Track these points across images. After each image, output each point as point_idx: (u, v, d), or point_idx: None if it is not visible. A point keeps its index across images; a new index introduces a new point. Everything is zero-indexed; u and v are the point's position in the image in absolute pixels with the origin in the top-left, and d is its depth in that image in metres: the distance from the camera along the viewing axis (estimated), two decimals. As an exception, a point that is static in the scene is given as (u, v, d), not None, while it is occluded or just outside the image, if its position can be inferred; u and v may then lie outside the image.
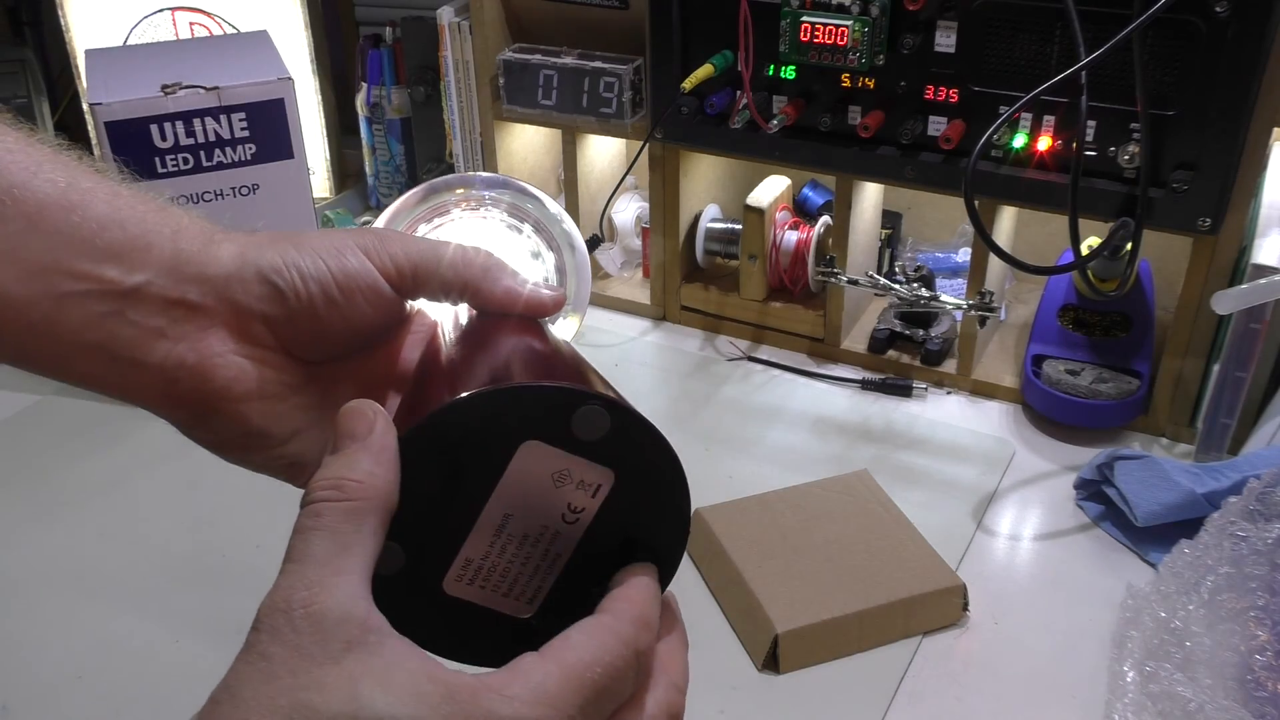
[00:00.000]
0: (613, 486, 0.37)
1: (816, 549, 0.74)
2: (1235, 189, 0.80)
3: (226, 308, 0.41)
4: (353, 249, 0.42)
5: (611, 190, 1.08)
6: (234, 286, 0.41)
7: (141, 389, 0.41)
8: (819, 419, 0.94)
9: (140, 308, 0.40)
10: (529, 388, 0.36)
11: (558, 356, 0.42)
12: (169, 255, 0.40)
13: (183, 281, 0.40)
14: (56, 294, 0.38)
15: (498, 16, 1.06)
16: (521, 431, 0.36)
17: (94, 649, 0.72)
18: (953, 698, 0.67)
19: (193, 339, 0.41)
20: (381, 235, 0.43)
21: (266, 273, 0.41)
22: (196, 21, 1.21)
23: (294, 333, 0.42)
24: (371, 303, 0.43)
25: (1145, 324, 0.92)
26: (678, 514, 0.39)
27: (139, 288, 0.40)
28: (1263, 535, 0.64)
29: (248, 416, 0.42)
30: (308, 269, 0.41)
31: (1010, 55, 0.84)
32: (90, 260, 0.39)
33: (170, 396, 0.42)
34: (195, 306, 0.41)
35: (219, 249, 0.41)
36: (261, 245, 0.42)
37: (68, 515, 0.84)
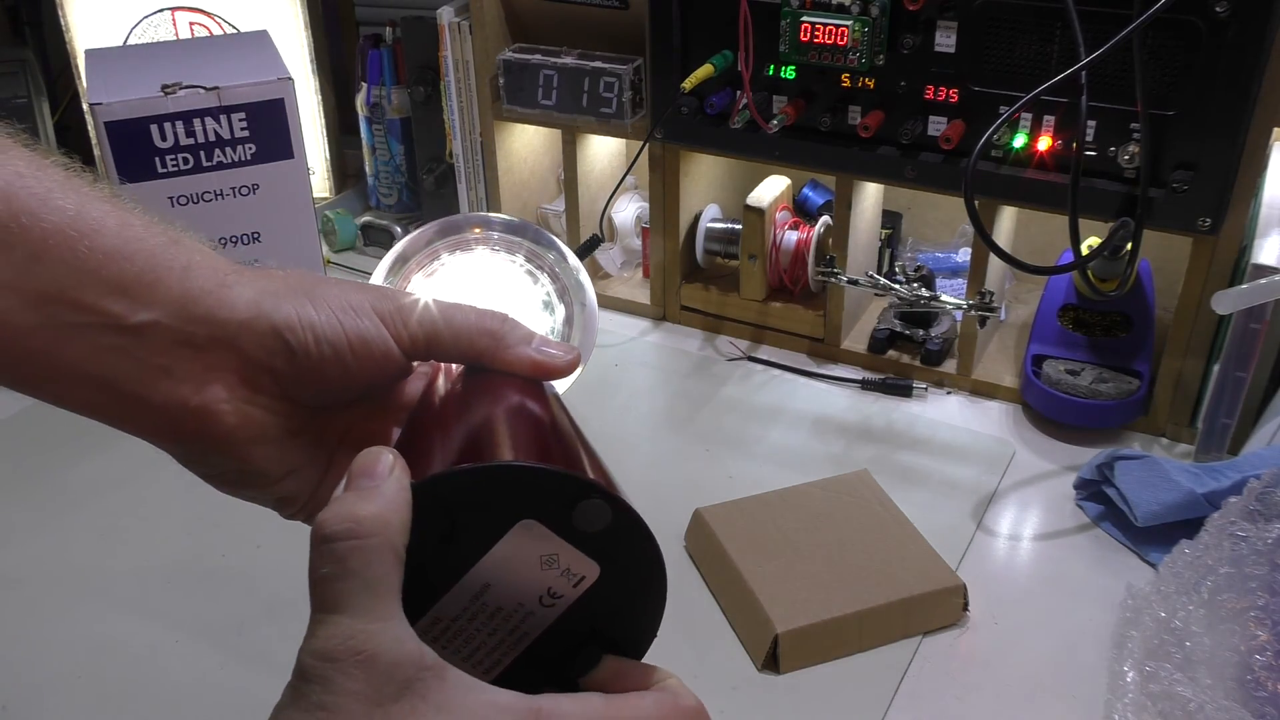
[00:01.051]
0: (596, 580, 0.37)
1: (816, 549, 0.74)
2: (1235, 189, 0.80)
3: (235, 355, 0.41)
4: (369, 312, 0.42)
5: (611, 190, 1.08)
6: (244, 336, 0.40)
7: (142, 424, 0.41)
8: (819, 419, 0.94)
9: (146, 345, 0.39)
10: (544, 471, 0.36)
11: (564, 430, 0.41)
12: (178, 294, 0.40)
13: (191, 322, 0.40)
14: (59, 324, 0.38)
15: (498, 16, 1.06)
16: (523, 509, 0.36)
17: (94, 649, 0.72)
18: (953, 698, 0.67)
19: (197, 381, 0.40)
20: (399, 304, 0.43)
21: (280, 328, 0.41)
22: (196, 21, 1.21)
23: (301, 387, 0.42)
24: (381, 366, 0.43)
25: (1145, 324, 0.92)
26: (652, 617, 0.40)
27: (145, 325, 0.39)
28: (1263, 535, 0.64)
29: (248, 458, 0.42)
30: (322, 330, 0.41)
31: (1010, 55, 0.84)
32: (96, 293, 0.38)
33: (171, 433, 0.42)
34: (202, 348, 0.40)
35: (232, 293, 0.41)
36: (278, 296, 0.41)
37: (68, 515, 0.84)
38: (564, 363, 0.44)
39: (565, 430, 0.41)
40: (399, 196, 1.28)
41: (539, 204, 1.19)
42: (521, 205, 1.17)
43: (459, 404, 0.42)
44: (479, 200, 1.15)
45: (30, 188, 0.38)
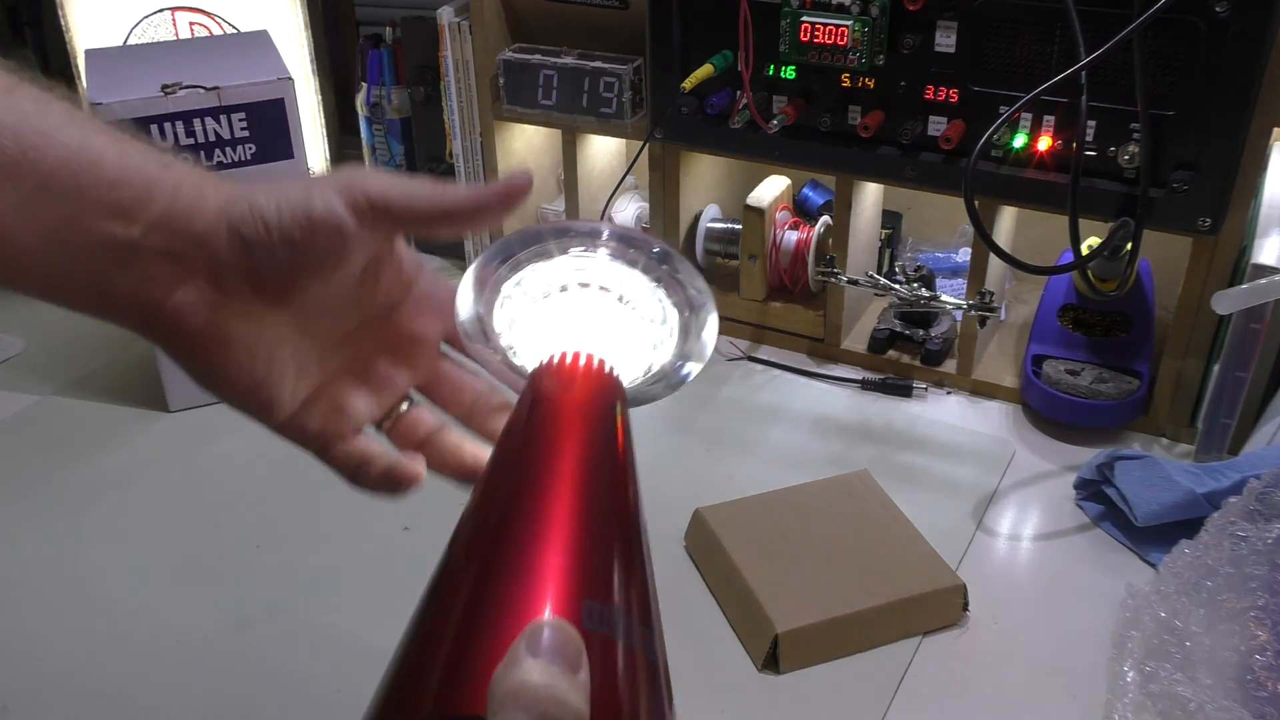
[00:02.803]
0: None
1: (816, 549, 0.74)
2: (1235, 189, 0.80)
3: (205, 261, 0.44)
4: (322, 188, 0.44)
5: (611, 190, 1.08)
6: (210, 239, 0.43)
7: (128, 319, 0.45)
8: (819, 419, 0.94)
9: (138, 259, 0.43)
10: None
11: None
12: (165, 211, 0.43)
13: (171, 235, 0.43)
14: (67, 246, 0.42)
15: (498, 16, 1.06)
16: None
17: (94, 649, 0.72)
18: (953, 698, 0.67)
19: (170, 287, 0.44)
20: (359, 172, 0.45)
21: (235, 222, 0.44)
22: (196, 21, 1.21)
23: (264, 278, 0.44)
24: (334, 240, 0.44)
25: (1145, 324, 0.92)
26: None
27: (136, 241, 0.43)
28: (1263, 535, 0.64)
29: (210, 358, 0.45)
30: (270, 214, 0.43)
31: (1010, 55, 0.84)
32: (99, 218, 0.42)
33: (152, 331, 0.45)
34: (178, 257, 0.44)
35: (205, 203, 0.44)
36: (238, 199, 0.44)
37: (68, 515, 0.84)
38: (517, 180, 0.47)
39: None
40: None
41: (539, 204, 1.19)
42: (521, 205, 1.17)
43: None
44: (479, 200, 1.15)
45: (36, 125, 0.42)
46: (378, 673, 0.34)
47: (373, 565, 0.78)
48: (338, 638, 0.71)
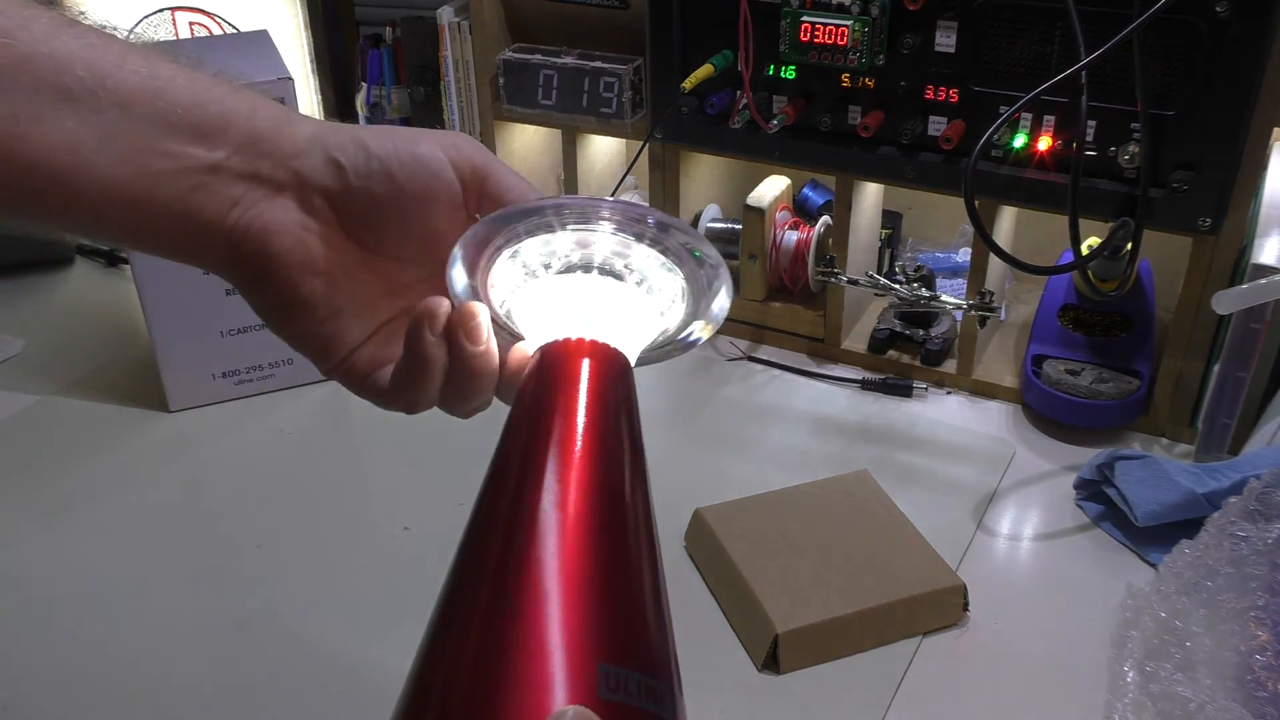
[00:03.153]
0: None
1: (816, 549, 0.74)
2: (1235, 189, 0.80)
3: (293, 180, 0.44)
4: (429, 142, 0.45)
5: (611, 190, 1.08)
6: (301, 161, 0.44)
7: (214, 252, 0.45)
8: (819, 419, 0.94)
9: (221, 180, 0.44)
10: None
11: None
12: (246, 133, 0.44)
13: (257, 157, 0.44)
14: (151, 172, 0.42)
15: (498, 16, 1.06)
16: None
17: (94, 649, 0.72)
18: (953, 698, 0.67)
19: (260, 206, 0.44)
20: (468, 139, 0.46)
21: (332, 150, 0.44)
22: (196, 21, 1.21)
23: (351, 208, 0.45)
24: (434, 189, 0.45)
25: (1145, 324, 0.92)
26: None
27: (220, 163, 0.43)
28: (1263, 535, 0.64)
29: (295, 284, 0.45)
30: (375, 148, 0.44)
31: (1010, 55, 0.84)
32: (178, 141, 0.43)
33: (233, 259, 0.45)
34: (265, 179, 0.44)
35: (294, 128, 0.45)
36: (338, 131, 0.45)
37: (68, 515, 0.84)
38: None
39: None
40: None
41: (539, 204, 1.19)
42: (521, 205, 1.17)
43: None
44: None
45: (106, 56, 0.42)
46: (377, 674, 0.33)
47: (373, 565, 0.78)
48: (337, 638, 0.71)
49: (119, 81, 0.42)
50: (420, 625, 0.35)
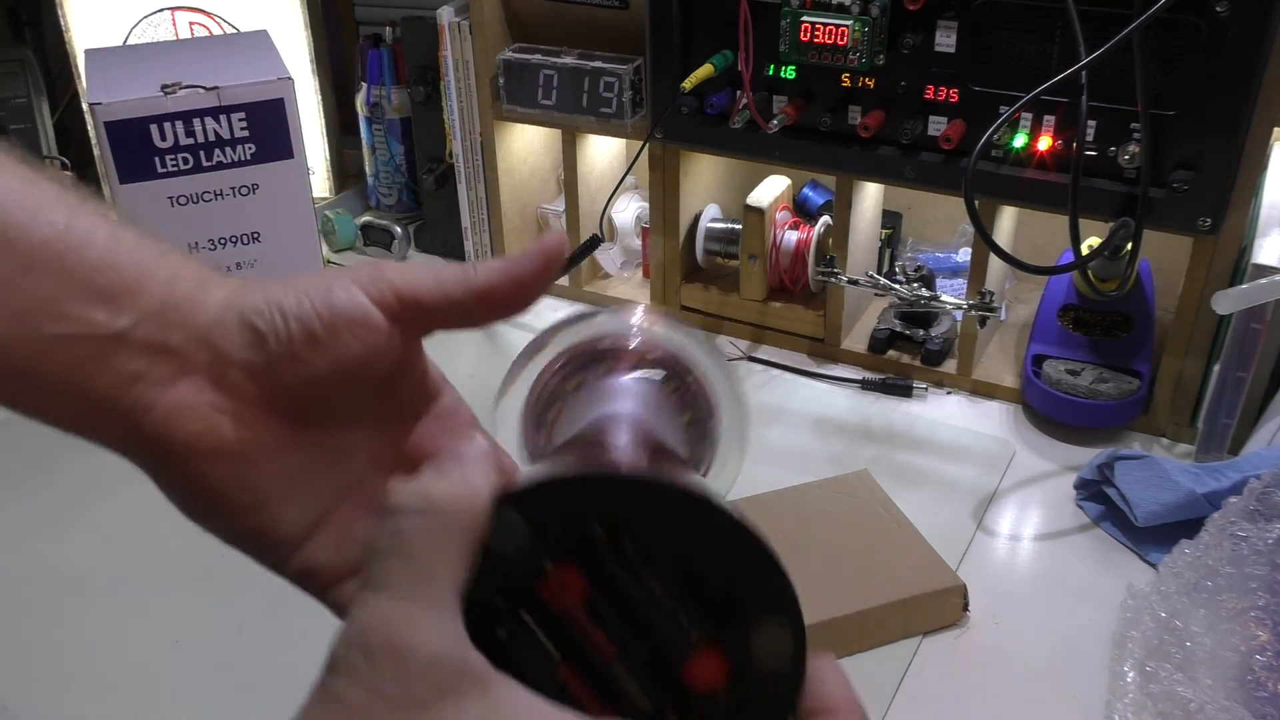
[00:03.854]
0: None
1: (816, 549, 0.74)
2: (1235, 189, 0.80)
3: (205, 354, 0.38)
4: (344, 283, 0.39)
5: (611, 190, 1.08)
6: (215, 332, 0.38)
7: (110, 434, 0.40)
8: (819, 419, 0.94)
9: (122, 352, 0.38)
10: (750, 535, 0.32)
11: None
12: (159, 301, 0.38)
13: (167, 327, 0.38)
14: (41, 336, 0.37)
15: (498, 16, 1.06)
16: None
17: (94, 649, 0.72)
18: (953, 698, 0.67)
19: (165, 384, 0.38)
20: (381, 267, 0.40)
21: (249, 315, 0.38)
22: (196, 21, 1.21)
23: (276, 380, 0.39)
24: (361, 338, 0.38)
25: (1145, 324, 0.92)
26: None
27: (124, 332, 0.38)
28: (1263, 535, 0.64)
29: (205, 474, 0.39)
30: (289, 308, 0.38)
31: (1010, 55, 0.84)
32: (80, 303, 0.37)
33: (133, 442, 0.39)
34: (175, 352, 0.38)
35: (209, 294, 0.39)
36: (250, 289, 0.39)
37: (68, 516, 0.84)
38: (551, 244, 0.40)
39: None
40: (399, 196, 1.28)
41: (539, 204, 1.19)
42: (521, 205, 1.17)
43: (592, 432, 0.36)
44: (479, 200, 1.15)
45: (20, 202, 0.37)
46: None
47: (373, 565, 0.78)
48: (338, 638, 0.71)
49: (26, 232, 0.37)
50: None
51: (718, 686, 0.32)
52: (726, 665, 0.32)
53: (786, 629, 0.32)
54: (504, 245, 1.16)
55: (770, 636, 0.32)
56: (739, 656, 0.32)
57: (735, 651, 0.32)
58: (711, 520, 0.32)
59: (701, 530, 0.32)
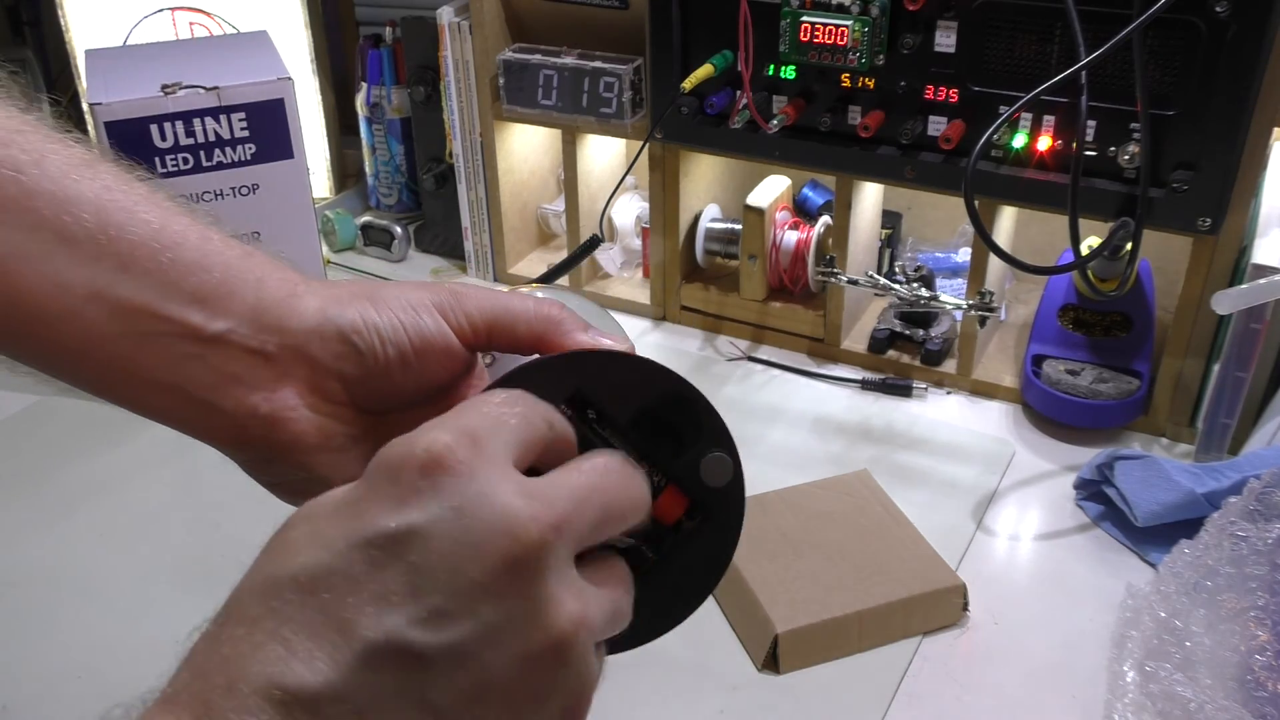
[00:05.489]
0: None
1: (816, 549, 0.74)
2: (1235, 189, 0.80)
3: (303, 363, 0.42)
4: (429, 308, 0.42)
5: (611, 190, 1.08)
6: (313, 343, 0.42)
7: (211, 429, 0.42)
8: (819, 419, 0.94)
9: (219, 354, 0.41)
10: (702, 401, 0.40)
11: None
12: (251, 304, 0.41)
13: (262, 331, 0.41)
14: (141, 333, 0.39)
15: (498, 16, 1.06)
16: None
17: (94, 649, 0.72)
18: (953, 698, 0.67)
19: (267, 389, 0.41)
20: (456, 292, 0.43)
21: (346, 333, 0.42)
22: (196, 21, 1.21)
23: (367, 390, 0.43)
24: (444, 363, 0.43)
25: (1145, 324, 0.92)
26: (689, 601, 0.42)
27: (221, 335, 0.41)
28: (1263, 535, 0.64)
29: (312, 466, 0.43)
30: (386, 332, 0.42)
31: (1010, 55, 0.84)
32: (176, 304, 0.40)
33: (239, 440, 0.42)
34: (272, 357, 0.41)
35: (301, 302, 0.42)
36: (341, 302, 0.42)
37: (68, 515, 0.84)
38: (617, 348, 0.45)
39: None
40: (399, 196, 1.28)
41: (539, 204, 1.19)
42: (521, 205, 1.17)
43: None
44: (479, 200, 1.15)
45: (118, 201, 0.40)
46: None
47: (373, 565, 0.78)
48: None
49: (125, 231, 0.40)
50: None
51: (681, 516, 0.41)
52: (685, 498, 0.40)
53: (726, 457, 0.40)
54: (504, 245, 1.16)
55: (714, 465, 0.40)
56: (693, 488, 0.40)
57: (690, 485, 0.40)
58: (653, 379, 0.40)
59: (646, 390, 0.40)
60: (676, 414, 0.40)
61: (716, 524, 0.41)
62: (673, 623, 0.41)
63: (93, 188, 0.40)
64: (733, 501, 0.41)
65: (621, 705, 0.66)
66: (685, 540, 0.40)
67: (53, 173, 0.39)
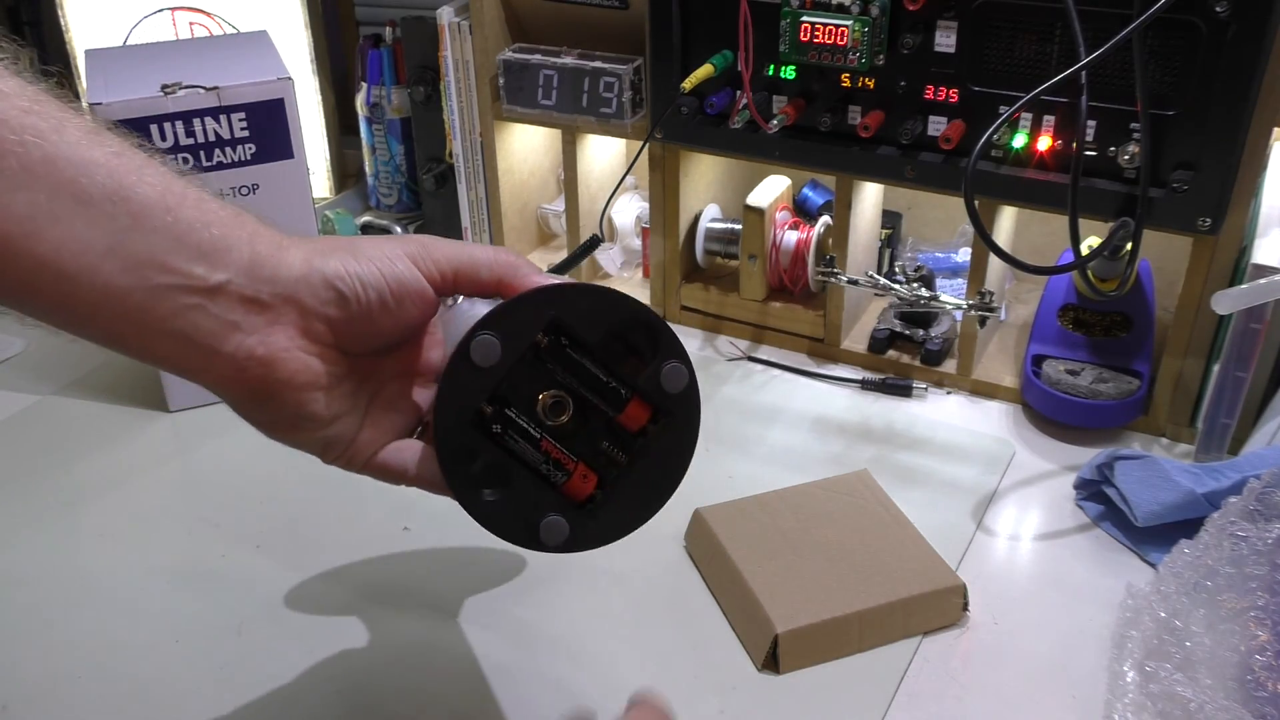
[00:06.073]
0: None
1: (816, 549, 0.74)
2: (1235, 189, 0.80)
3: (294, 308, 0.47)
4: (401, 257, 0.48)
5: (611, 190, 1.08)
6: (301, 289, 0.47)
7: (213, 372, 0.47)
8: (819, 419, 0.94)
9: (220, 302, 0.45)
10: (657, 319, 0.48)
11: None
12: (247, 257, 0.46)
13: (257, 281, 0.46)
14: (150, 285, 0.44)
15: (498, 16, 1.06)
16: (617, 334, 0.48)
17: (94, 649, 0.72)
18: (953, 698, 0.67)
19: (262, 333, 0.46)
20: (424, 242, 0.49)
21: (331, 279, 0.47)
22: (196, 21, 1.21)
23: (350, 331, 0.48)
24: (418, 305, 0.49)
25: (1145, 324, 0.92)
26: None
27: (221, 285, 0.45)
28: (1263, 535, 0.64)
29: (303, 403, 0.48)
30: (367, 278, 0.47)
31: (1010, 55, 0.84)
32: (182, 258, 0.44)
33: (238, 382, 0.47)
34: (266, 305, 0.46)
35: (288, 254, 0.47)
36: (325, 252, 0.48)
37: (68, 515, 0.84)
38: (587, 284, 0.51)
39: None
40: (399, 196, 1.28)
41: (539, 204, 1.19)
42: (521, 205, 1.17)
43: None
44: (479, 200, 1.15)
45: (126, 165, 0.44)
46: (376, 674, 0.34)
47: (373, 565, 0.78)
48: (337, 638, 0.71)
49: (135, 192, 0.43)
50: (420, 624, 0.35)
51: (646, 422, 0.48)
52: (648, 407, 0.47)
53: (681, 365, 0.47)
54: (504, 245, 1.16)
55: (671, 374, 0.47)
56: (655, 396, 0.47)
57: (652, 394, 0.47)
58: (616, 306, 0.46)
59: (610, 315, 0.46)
60: (637, 334, 0.46)
61: (677, 425, 0.48)
62: (646, 515, 0.47)
63: (104, 153, 0.43)
64: (690, 404, 0.48)
65: (621, 705, 0.66)
66: (651, 442, 0.47)
67: (70, 139, 0.42)
